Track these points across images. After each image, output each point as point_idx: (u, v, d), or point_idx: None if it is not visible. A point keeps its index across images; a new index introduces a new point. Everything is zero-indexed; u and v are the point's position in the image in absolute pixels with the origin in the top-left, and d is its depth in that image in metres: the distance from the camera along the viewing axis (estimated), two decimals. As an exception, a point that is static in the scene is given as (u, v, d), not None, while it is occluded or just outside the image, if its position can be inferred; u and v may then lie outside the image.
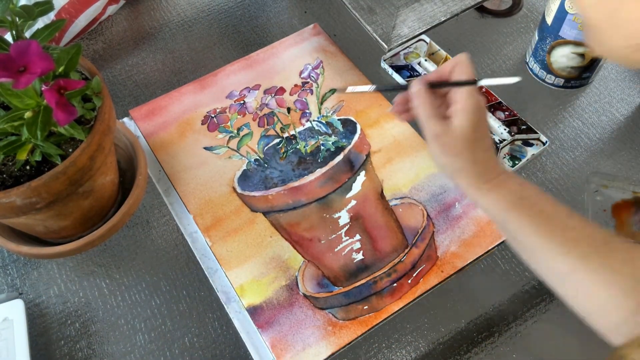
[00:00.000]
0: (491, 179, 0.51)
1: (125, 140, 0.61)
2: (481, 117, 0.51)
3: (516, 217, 0.49)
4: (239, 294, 0.56)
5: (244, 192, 0.62)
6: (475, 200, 0.52)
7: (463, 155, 0.50)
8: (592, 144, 0.68)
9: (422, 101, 0.51)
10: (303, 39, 0.75)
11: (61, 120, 0.42)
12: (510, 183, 0.51)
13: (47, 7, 0.46)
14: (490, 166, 0.51)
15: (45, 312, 0.57)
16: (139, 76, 0.74)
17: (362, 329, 0.54)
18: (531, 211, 0.49)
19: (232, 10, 0.81)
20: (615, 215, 0.62)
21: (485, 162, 0.51)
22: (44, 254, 0.54)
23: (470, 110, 0.49)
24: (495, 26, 0.80)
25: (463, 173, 0.51)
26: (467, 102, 0.49)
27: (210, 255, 0.59)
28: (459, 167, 0.51)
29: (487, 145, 0.52)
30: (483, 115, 0.51)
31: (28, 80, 0.39)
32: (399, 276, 0.57)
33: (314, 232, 0.60)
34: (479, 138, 0.50)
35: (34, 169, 0.47)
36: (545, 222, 0.48)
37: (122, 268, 0.59)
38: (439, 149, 0.51)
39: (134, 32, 0.78)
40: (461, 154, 0.50)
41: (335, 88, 0.70)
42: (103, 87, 0.50)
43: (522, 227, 0.49)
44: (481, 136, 0.51)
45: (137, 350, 0.55)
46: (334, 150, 0.65)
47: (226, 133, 0.67)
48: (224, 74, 0.72)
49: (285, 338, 0.54)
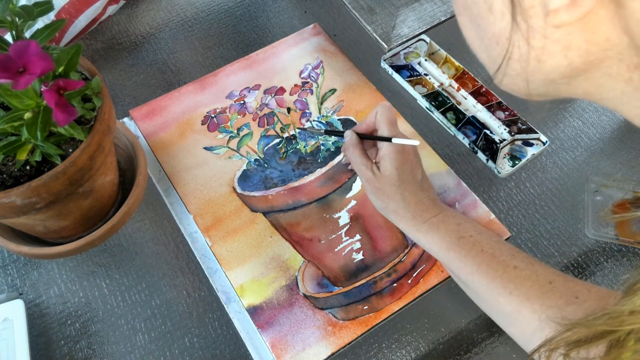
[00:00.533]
0: (427, 219, 0.52)
1: (125, 140, 0.61)
2: (406, 160, 0.53)
3: (457, 257, 0.50)
4: (239, 294, 0.56)
5: (244, 192, 0.62)
6: (417, 241, 0.54)
7: (394, 198, 0.53)
8: (592, 144, 0.68)
9: (353, 150, 0.55)
10: (303, 39, 0.75)
11: (61, 120, 0.42)
12: (448, 222, 0.52)
13: (47, 7, 0.46)
14: (425, 206, 0.53)
15: (45, 312, 0.57)
16: (139, 76, 0.74)
17: (362, 329, 0.54)
18: (472, 251, 0.50)
19: (232, 10, 0.81)
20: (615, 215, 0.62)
21: (419, 203, 0.53)
22: (44, 254, 0.54)
23: (393, 156, 0.53)
24: (495, 26, 0.80)
25: (399, 215, 0.53)
26: (390, 148, 0.53)
27: (210, 255, 0.59)
28: (393, 209, 0.54)
29: (418, 185, 0.54)
30: (409, 157, 0.54)
31: (27, 80, 0.39)
32: (399, 276, 0.57)
33: (314, 232, 0.60)
34: (406, 180, 0.53)
35: (34, 169, 0.47)
36: (487, 261, 0.49)
37: (122, 268, 0.59)
38: (373, 193, 0.55)
39: (134, 32, 0.78)
40: (392, 197, 0.53)
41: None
42: (103, 87, 0.50)
43: (463, 268, 0.50)
44: (409, 178, 0.53)
45: (137, 350, 0.55)
46: (334, 150, 0.65)
47: (226, 133, 0.67)
48: (224, 74, 0.72)
49: (285, 338, 0.54)
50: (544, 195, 0.65)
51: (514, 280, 0.47)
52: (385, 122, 0.54)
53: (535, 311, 0.45)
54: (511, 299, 0.47)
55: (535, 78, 0.30)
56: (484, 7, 0.29)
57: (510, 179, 0.66)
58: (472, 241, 0.50)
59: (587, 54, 0.27)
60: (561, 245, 0.61)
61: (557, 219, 0.63)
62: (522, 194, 0.65)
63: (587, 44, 0.27)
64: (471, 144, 0.67)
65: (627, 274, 0.59)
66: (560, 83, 0.30)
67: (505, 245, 0.51)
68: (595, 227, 0.61)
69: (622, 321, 0.32)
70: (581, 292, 0.46)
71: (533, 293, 0.46)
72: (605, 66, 0.28)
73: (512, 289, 0.47)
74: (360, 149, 0.55)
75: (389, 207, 0.54)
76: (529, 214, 0.63)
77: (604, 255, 0.60)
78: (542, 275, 0.47)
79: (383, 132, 0.54)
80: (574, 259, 0.60)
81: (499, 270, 0.48)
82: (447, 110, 0.69)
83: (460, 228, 0.52)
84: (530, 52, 0.28)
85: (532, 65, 0.29)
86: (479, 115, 0.69)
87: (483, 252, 0.49)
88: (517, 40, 0.28)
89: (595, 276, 0.59)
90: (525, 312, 0.46)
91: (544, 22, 0.26)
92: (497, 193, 0.65)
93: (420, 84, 0.72)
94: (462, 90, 0.71)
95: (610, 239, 0.61)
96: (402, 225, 0.54)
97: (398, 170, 0.52)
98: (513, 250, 0.50)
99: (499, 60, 0.30)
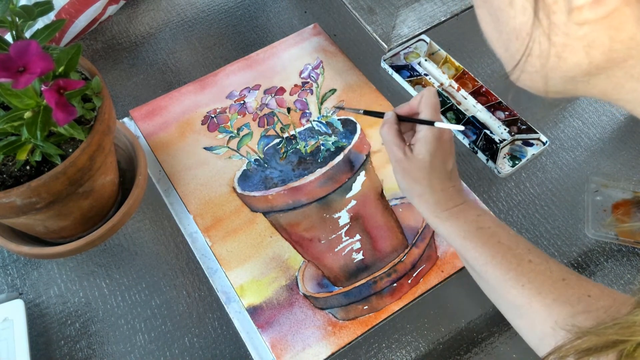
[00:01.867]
0: (449, 208, 0.52)
1: (125, 140, 0.61)
2: (441, 147, 0.53)
3: (473, 247, 0.50)
4: (239, 294, 0.56)
5: (244, 192, 0.62)
6: (435, 227, 0.53)
7: (422, 182, 0.52)
8: (592, 144, 0.68)
9: (388, 128, 0.54)
10: (303, 39, 0.75)
11: (60, 120, 0.42)
12: (469, 213, 0.52)
13: (47, 7, 0.46)
14: (449, 195, 0.53)
15: (45, 312, 0.57)
16: (139, 76, 0.74)
17: (362, 329, 0.54)
18: (489, 242, 0.49)
19: (232, 10, 0.81)
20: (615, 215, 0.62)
21: (444, 190, 0.52)
22: (44, 254, 0.54)
23: (429, 140, 0.52)
24: (495, 26, 0.80)
25: (422, 199, 0.53)
26: (428, 132, 0.52)
27: (210, 255, 0.59)
28: (418, 193, 0.53)
29: (448, 174, 0.53)
30: (444, 145, 0.53)
31: (27, 80, 0.39)
32: (399, 276, 0.57)
33: (314, 232, 0.60)
34: (437, 167, 0.52)
35: (34, 169, 0.47)
36: (503, 253, 0.49)
37: (122, 268, 0.59)
38: (400, 174, 0.54)
39: (134, 32, 0.78)
40: (420, 181, 0.52)
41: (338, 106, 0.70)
42: (103, 87, 0.50)
43: (479, 257, 0.49)
44: (440, 165, 0.53)
45: (137, 350, 0.55)
46: (334, 150, 0.66)
47: (226, 133, 0.67)
48: (224, 74, 0.72)
49: (285, 338, 0.54)
50: (544, 195, 0.65)
51: (528, 274, 0.47)
52: (430, 105, 0.53)
53: (546, 305, 0.45)
54: (523, 292, 0.46)
55: (555, 75, 0.30)
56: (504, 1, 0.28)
57: (510, 179, 0.66)
58: (490, 232, 0.50)
59: (610, 52, 0.27)
60: (561, 245, 0.61)
61: (557, 219, 0.63)
62: (522, 194, 0.65)
63: (610, 42, 0.26)
64: (471, 144, 0.67)
65: (627, 274, 0.59)
66: (579, 81, 0.30)
67: (522, 240, 0.50)
68: (596, 227, 0.61)
69: (633, 331, 0.31)
70: (594, 291, 0.46)
71: (546, 288, 0.46)
72: (629, 66, 0.28)
73: (525, 282, 0.47)
74: (396, 128, 0.55)
75: (414, 190, 0.53)
76: (529, 214, 0.63)
77: (604, 255, 0.60)
78: (556, 271, 0.47)
79: (425, 116, 0.54)
80: (574, 259, 0.60)
81: (514, 263, 0.48)
82: (447, 110, 0.69)
83: (479, 219, 0.51)
84: (551, 49, 0.28)
85: (552, 62, 0.29)
86: (479, 115, 0.69)
87: (500, 243, 0.49)
88: (538, 36, 0.28)
89: (595, 276, 0.59)
90: (536, 305, 0.46)
91: (567, 18, 0.26)
92: (497, 193, 0.65)
93: (420, 84, 0.72)
94: (462, 90, 0.71)
95: (610, 239, 0.61)
96: (422, 210, 0.53)
97: (431, 156, 0.52)
98: (529, 246, 0.50)
99: (517, 56, 0.30)
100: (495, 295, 0.50)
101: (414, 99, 0.55)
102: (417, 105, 0.55)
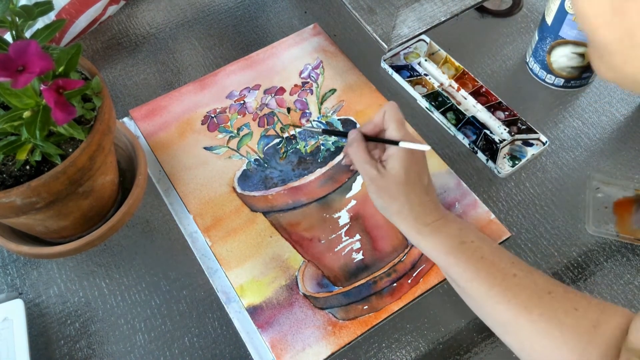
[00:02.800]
0: (430, 222, 0.51)
1: (125, 140, 0.61)
2: (415, 161, 0.52)
3: (456, 263, 0.49)
4: (239, 294, 0.56)
5: (244, 192, 0.62)
6: (417, 244, 0.53)
7: (399, 198, 0.52)
8: (592, 144, 0.68)
9: (357, 147, 0.54)
10: (303, 39, 0.75)
11: (59, 119, 0.42)
12: (451, 227, 0.51)
13: (47, 7, 0.46)
14: (429, 209, 0.52)
15: (45, 312, 0.57)
16: (139, 76, 0.74)
17: (362, 329, 0.54)
18: (472, 257, 0.49)
19: (232, 10, 0.81)
20: (616, 212, 0.62)
21: (423, 205, 0.52)
22: (44, 254, 0.54)
23: (403, 155, 0.51)
24: (495, 26, 0.80)
25: (401, 216, 0.52)
26: (399, 147, 0.52)
27: (210, 255, 0.59)
28: (397, 210, 0.52)
29: (424, 188, 0.53)
30: (419, 159, 0.53)
31: (27, 79, 0.39)
32: (399, 276, 0.57)
33: (314, 232, 0.60)
34: (413, 181, 0.52)
35: (34, 169, 0.47)
36: (487, 268, 0.48)
37: (122, 268, 0.59)
38: (376, 192, 0.53)
39: (134, 32, 0.78)
40: (397, 197, 0.52)
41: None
42: (103, 87, 0.50)
43: (462, 273, 0.49)
44: (416, 180, 0.52)
45: (137, 350, 0.55)
46: (333, 150, 0.65)
47: (226, 133, 0.67)
48: (224, 74, 0.72)
49: (285, 338, 0.54)
50: (544, 195, 0.64)
51: (513, 289, 0.47)
52: (394, 120, 0.53)
53: (533, 321, 0.45)
54: (509, 308, 0.46)
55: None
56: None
57: (510, 179, 0.66)
58: (473, 247, 0.50)
59: None
60: (561, 245, 0.61)
61: (557, 219, 0.63)
62: (522, 194, 0.65)
63: None
64: (471, 144, 0.67)
65: (627, 274, 0.59)
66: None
67: (505, 253, 0.50)
68: (596, 224, 0.61)
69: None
70: (581, 303, 0.45)
71: (532, 302, 0.46)
72: None
73: (510, 297, 0.47)
74: (364, 146, 0.54)
75: (392, 207, 0.52)
76: (529, 214, 0.63)
77: (604, 255, 0.60)
78: (541, 285, 0.47)
79: (392, 132, 0.53)
80: (573, 259, 0.60)
81: (498, 278, 0.48)
82: (447, 110, 0.69)
83: (461, 233, 0.51)
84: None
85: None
86: (479, 116, 0.69)
87: (483, 259, 0.49)
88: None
89: (595, 276, 0.59)
90: (522, 321, 0.46)
91: None
92: (497, 193, 0.65)
93: (420, 84, 0.72)
94: (462, 90, 0.71)
95: (610, 235, 0.61)
96: (403, 227, 0.53)
97: (406, 170, 0.51)
98: (513, 259, 0.50)
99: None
100: (482, 311, 0.50)
101: (377, 115, 0.55)
102: (382, 121, 0.55)
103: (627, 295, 0.58)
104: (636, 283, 0.59)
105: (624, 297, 0.58)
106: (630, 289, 0.58)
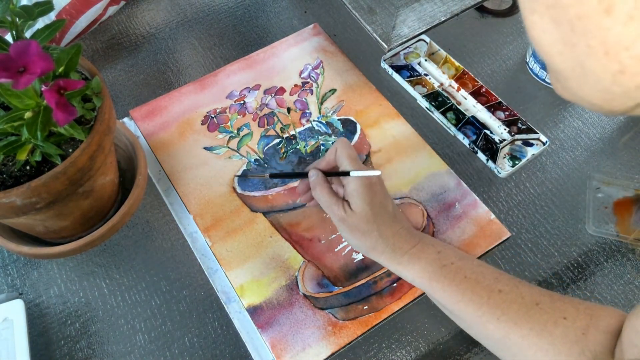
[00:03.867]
0: (407, 250, 0.52)
1: (125, 140, 0.61)
2: (374, 193, 0.52)
3: (441, 288, 0.49)
4: (239, 294, 0.56)
5: (244, 192, 0.62)
6: (399, 274, 0.53)
7: (371, 234, 0.52)
8: (592, 144, 0.68)
9: (321, 190, 0.54)
10: (303, 39, 0.75)
11: (60, 120, 0.42)
12: (429, 252, 0.51)
13: (47, 7, 0.46)
14: (403, 237, 0.52)
15: (45, 312, 0.57)
16: (139, 76, 0.74)
17: (362, 329, 0.54)
18: (455, 279, 0.49)
19: (232, 10, 0.81)
20: (616, 212, 0.62)
21: (396, 234, 0.52)
22: (44, 254, 0.54)
23: (361, 191, 0.51)
24: (495, 26, 0.80)
25: (377, 250, 0.52)
26: (356, 184, 0.52)
27: (210, 255, 0.59)
28: (372, 246, 0.52)
29: (392, 217, 0.53)
30: (377, 190, 0.53)
31: (28, 80, 0.39)
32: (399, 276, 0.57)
33: (314, 232, 0.60)
34: (380, 214, 0.52)
35: (34, 169, 0.47)
36: (472, 288, 0.48)
37: (122, 268, 0.59)
38: (349, 232, 0.53)
39: (134, 32, 0.78)
40: (369, 233, 0.52)
41: None
42: (103, 87, 0.50)
43: (449, 297, 0.49)
44: (382, 211, 0.52)
45: (137, 350, 0.55)
46: (334, 150, 0.65)
47: (226, 133, 0.67)
48: (224, 74, 0.72)
49: (285, 338, 0.54)
50: (544, 195, 0.65)
51: (501, 306, 0.47)
52: (346, 157, 0.53)
53: (524, 336, 0.45)
54: (499, 325, 0.46)
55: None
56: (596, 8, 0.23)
57: (510, 179, 0.66)
58: (455, 268, 0.50)
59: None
60: (561, 245, 0.61)
61: (557, 219, 0.63)
62: (522, 194, 0.65)
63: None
64: (471, 144, 0.67)
65: (627, 274, 0.59)
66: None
67: (487, 269, 0.50)
68: (596, 224, 0.61)
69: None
70: (569, 311, 0.46)
71: (520, 317, 0.46)
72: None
73: (499, 314, 0.47)
74: (328, 187, 0.54)
75: (367, 244, 0.52)
76: (529, 214, 0.63)
77: (604, 255, 0.60)
78: (527, 297, 0.47)
79: (345, 169, 0.53)
80: (574, 259, 0.60)
81: (484, 297, 0.48)
82: (447, 110, 0.69)
83: (441, 256, 0.51)
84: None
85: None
86: (479, 116, 0.69)
87: (467, 278, 0.49)
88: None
89: (595, 276, 0.59)
90: (514, 337, 0.46)
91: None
92: (497, 193, 0.65)
93: (420, 84, 0.72)
94: (462, 90, 0.71)
95: (610, 235, 0.61)
96: (382, 261, 0.53)
97: (370, 205, 0.51)
98: (496, 273, 0.50)
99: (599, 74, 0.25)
100: (473, 331, 0.50)
101: (329, 153, 0.55)
102: (334, 159, 0.55)
103: (627, 295, 0.58)
104: (636, 283, 0.59)
105: (624, 297, 0.58)
106: (630, 289, 0.58)
